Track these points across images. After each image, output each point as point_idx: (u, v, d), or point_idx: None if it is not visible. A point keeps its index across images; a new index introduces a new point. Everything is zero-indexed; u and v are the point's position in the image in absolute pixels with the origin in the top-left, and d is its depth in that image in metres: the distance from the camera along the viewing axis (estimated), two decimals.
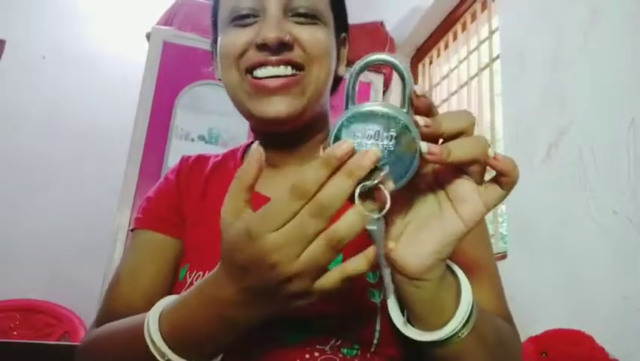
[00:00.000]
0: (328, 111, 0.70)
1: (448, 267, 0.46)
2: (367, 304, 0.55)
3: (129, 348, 0.49)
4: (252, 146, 0.41)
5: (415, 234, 0.43)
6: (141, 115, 2.12)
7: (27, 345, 1.43)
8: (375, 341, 0.54)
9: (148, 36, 2.27)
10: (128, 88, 2.43)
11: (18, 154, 2.77)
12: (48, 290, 2.58)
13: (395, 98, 2.55)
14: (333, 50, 0.64)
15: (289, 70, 0.60)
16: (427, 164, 0.40)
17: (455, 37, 2.27)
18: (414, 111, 0.39)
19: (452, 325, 0.44)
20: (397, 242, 0.43)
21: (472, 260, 0.56)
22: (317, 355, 0.54)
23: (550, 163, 1.36)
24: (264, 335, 0.54)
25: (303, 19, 0.61)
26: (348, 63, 0.73)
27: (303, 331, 0.55)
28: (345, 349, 0.55)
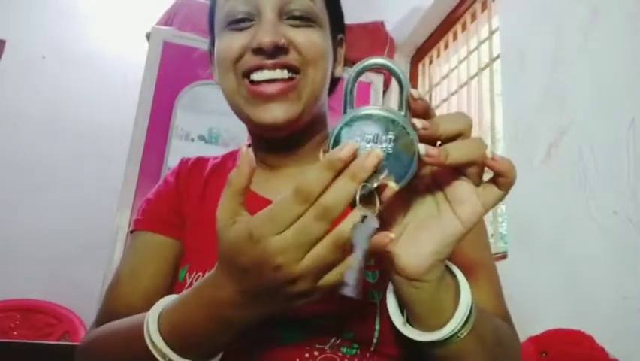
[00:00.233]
0: (326, 113, 0.70)
1: (447, 267, 0.47)
2: (367, 304, 0.55)
3: (129, 348, 0.49)
4: (242, 149, 0.41)
5: (414, 235, 0.43)
6: (141, 115, 2.12)
7: (27, 345, 1.43)
8: (374, 341, 0.54)
9: (148, 36, 2.27)
10: (128, 88, 2.43)
11: (18, 154, 2.77)
12: (48, 290, 2.58)
13: (395, 98, 2.54)
14: (328, 52, 0.64)
15: (285, 73, 0.60)
16: (426, 166, 0.41)
17: (455, 37, 2.27)
18: (411, 114, 0.40)
19: (451, 325, 0.44)
20: (396, 243, 0.43)
21: (471, 260, 0.56)
22: (317, 354, 0.54)
23: (550, 163, 1.36)
24: (264, 335, 0.54)
25: (299, 21, 0.61)
26: (346, 64, 0.73)
27: (303, 330, 0.55)
28: (344, 348, 0.55)
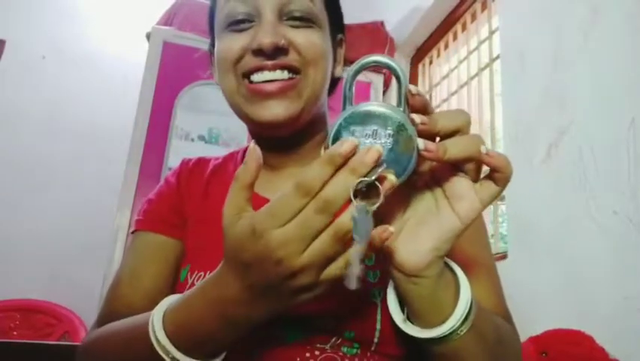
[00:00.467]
0: (326, 113, 0.71)
1: (447, 265, 0.47)
2: (367, 303, 0.55)
3: (131, 348, 0.49)
4: (250, 146, 0.41)
5: (413, 231, 0.43)
6: (141, 115, 2.12)
7: (27, 345, 1.43)
8: (375, 340, 0.54)
9: (148, 36, 2.27)
10: (128, 88, 2.43)
11: (18, 154, 2.77)
12: (48, 290, 2.58)
13: (395, 97, 2.54)
14: (328, 53, 0.65)
15: (285, 74, 0.60)
16: (425, 162, 0.41)
17: (455, 37, 2.27)
18: (410, 110, 0.40)
19: (451, 322, 0.44)
20: (396, 239, 0.43)
21: (471, 258, 0.56)
22: (317, 353, 0.54)
23: (550, 163, 1.36)
24: (265, 334, 0.54)
25: (298, 22, 0.61)
26: (346, 64, 0.73)
27: (304, 329, 0.55)
28: (345, 347, 0.55)
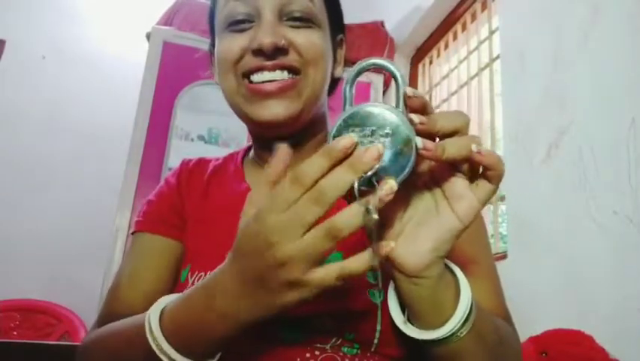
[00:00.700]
0: (326, 113, 0.71)
1: (447, 266, 0.47)
2: (368, 304, 0.55)
3: (130, 347, 0.50)
4: (278, 146, 0.42)
5: (413, 232, 0.43)
6: (141, 115, 2.12)
7: (27, 345, 1.43)
8: (375, 341, 0.54)
9: (148, 36, 2.27)
10: (128, 88, 2.43)
11: (18, 154, 2.77)
12: (48, 290, 2.58)
13: (394, 97, 2.54)
14: (328, 53, 0.65)
15: (285, 74, 0.61)
16: (424, 161, 0.41)
17: (455, 37, 2.27)
18: (409, 110, 0.40)
19: (451, 323, 0.44)
20: (396, 240, 0.43)
21: (470, 258, 0.56)
22: (317, 354, 0.54)
23: (550, 163, 1.36)
24: (265, 334, 0.54)
25: (298, 22, 0.62)
26: (346, 64, 0.73)
27: (304, 330, 0.55)
28: (345, 348, 0.55)
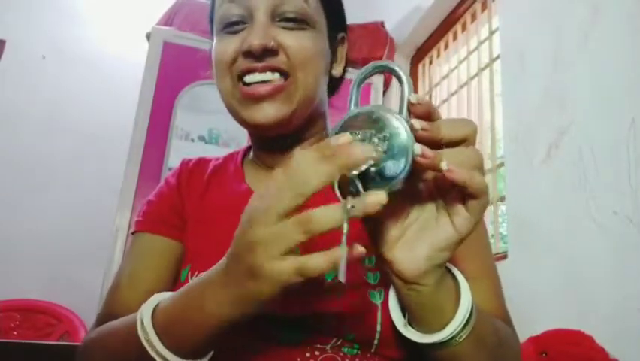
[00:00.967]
0: (326, 112, 0.70)
1: (448, 269, 0.47)
2: (368, 305, 0.55)
3: (127, 344, 0.50)
4: (294, 150, 0.42)
5: (412, 239, 0.43)
6: (141, 115, 2.12)
7: (27, 345, 1.43)
8: (375, 342, 0.54)
9: (148, 36, 2.27)
10: (128, 88, 2.43)
11: (18, 154, 2.77)
12: (48, 290, 2.58)
13: (395, 98, 2.54)
14: (320, 55, 0.64)
15: (276, 76, 0.60)
16: (426, 171, 0.40)
17: (455, 37, 2.27)
18: (412, 116, 0.39)
19: (451, 327, 0.44)
20: (395, 246, 0.43)
21: (470, 259, 0.56)
22: (317, 354, 0.54)
23: (550, 163, 1.36)
24: (265, 335, 0.54)
25: (292, 23, 0.61)
26: (348, 62, 0.73)
27: (304, 331, 0.55)
28: (345, 348, 0.55)
